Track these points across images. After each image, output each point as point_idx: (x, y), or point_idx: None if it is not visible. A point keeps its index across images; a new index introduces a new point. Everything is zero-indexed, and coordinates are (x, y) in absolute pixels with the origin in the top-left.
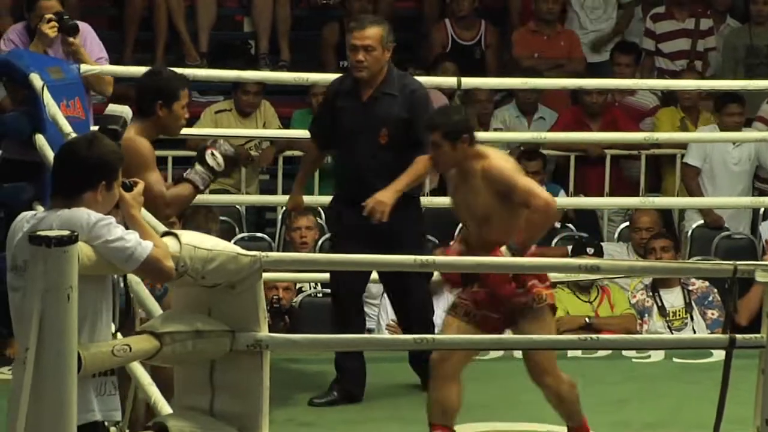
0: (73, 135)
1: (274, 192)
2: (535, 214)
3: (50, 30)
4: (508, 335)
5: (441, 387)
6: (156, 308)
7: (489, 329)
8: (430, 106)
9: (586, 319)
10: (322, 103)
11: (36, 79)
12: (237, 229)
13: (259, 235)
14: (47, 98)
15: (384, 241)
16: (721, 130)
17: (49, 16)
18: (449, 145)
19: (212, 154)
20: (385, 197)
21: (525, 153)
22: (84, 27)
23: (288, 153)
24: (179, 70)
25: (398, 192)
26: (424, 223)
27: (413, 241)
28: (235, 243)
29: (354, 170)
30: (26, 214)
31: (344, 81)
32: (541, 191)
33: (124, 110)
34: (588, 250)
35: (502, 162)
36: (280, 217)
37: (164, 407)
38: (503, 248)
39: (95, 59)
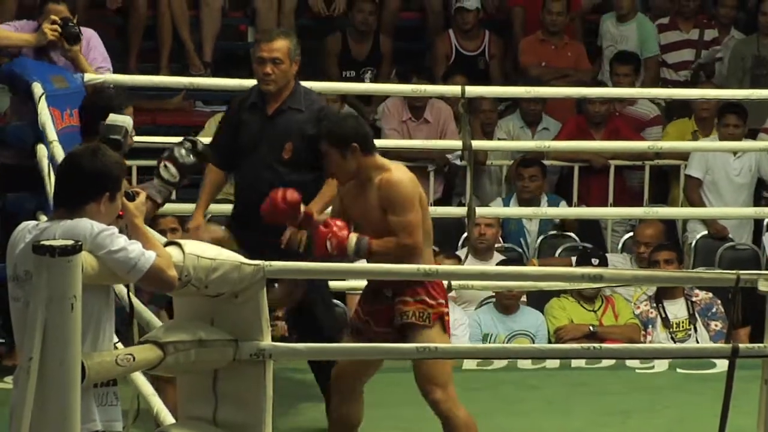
0: (57, 144)
1: None
2: (399, 247)
3: (50, 31)
4: (512, 345)
5: (340, 404)
6: (154, 320)
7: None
8: None
9: (590, 328)
10: (224, 119)
11: (37, 88)
12: None
13: None
14: (41, 107)
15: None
16: (720, 141)
17: (54, 17)
18: (338, 153)
19: (165, 165)
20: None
21: (522, 161)
22: (90, 34)
23: None
24: (183, 80)
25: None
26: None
27: (315, 258)
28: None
29: (255, 186)
30: (28, 224)
31: (250, 94)
32: (415, 234)
33: (126, 120)
34: (593, 261)
35: (402, 180)
36: None
37: (167, 417)
38: (353, 237)
39: (96, 68)
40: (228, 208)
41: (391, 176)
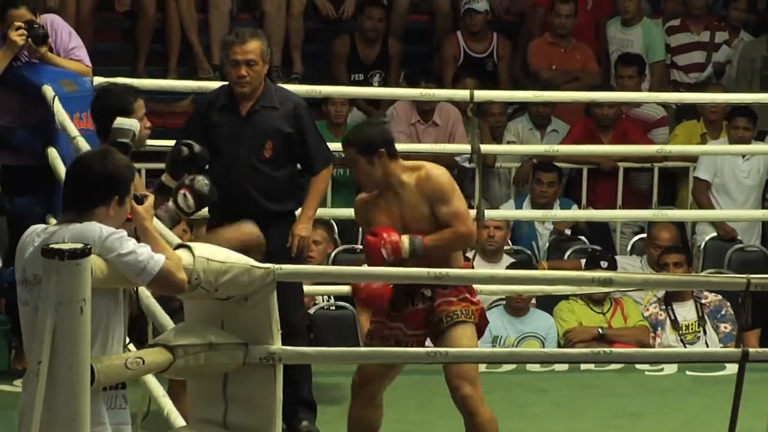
0: (81, 139)
1: None
2: (456, 236)
3: (18, 37)
4: (522, 349)
5: (360, 408)
6: (168, 321)
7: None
8: (312, 117)
9: (599, 330)
10: (191, 122)
11: (48, 91)
12: None
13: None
14: (57, 108)
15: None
16: (729, 143)
17: (18, 23)
18: (365, 161)
19: (184, 195)
20: (304, 230)
21: (540, 165)
22: (52, 20)
23: None
24: (192, 83)
25: (311, 219)
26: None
27: (296, 257)
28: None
29: (235, 187)
30: (37, 228)
31: (217, 96)
32: (467, 220)
33: (133, 123)
34: (602, 263)
35: (441, 173)
36: None
37: (177, 419)
38: (405, 239)
39: (69, 50)
40: None
41: (429, 171)
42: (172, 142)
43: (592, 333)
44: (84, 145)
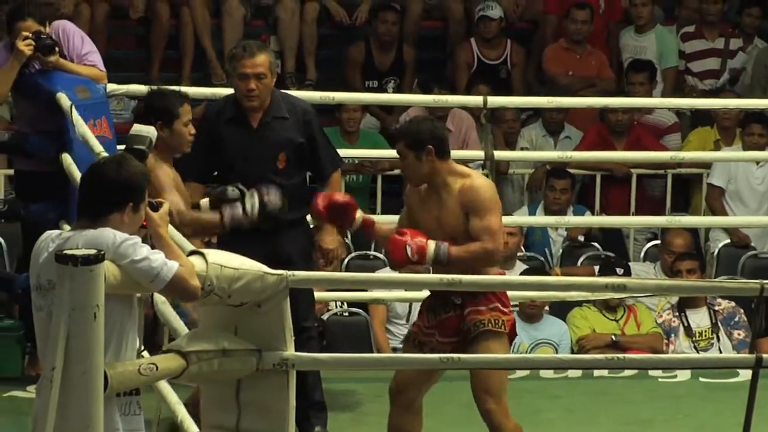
0: (104, 154)
1: None
2: (481, 251)
3: (26, 47)
4: (535, 355)
5: (399, 415)
6: (182, 327)
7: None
8: (320, 122)
9: (613, 337)
10: (201, 131)
11: (64, 99)
12: None
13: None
14: (76, 118)
15: (278, 265)
16: (744, 149)
17: (26, 33)
18: (413, 155)
19: (254, 203)
20: (332, 243)
21: (553, 171)
22: (64, 26)
23: None
24: (206, 90)
25: (334, 229)
26: (312, 241)
27: (304, 261)
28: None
29: None
30: (51, 234)
31: (224, 109)
32: (497, 238)
33: (150, 130)
34: (618, 270)
35: (486, 187)
36: None
37: (191, 426)
38: (431, 245)
39: (83, 55)
40: None
41: (474, 181)
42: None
43: (605, 340)
44: None
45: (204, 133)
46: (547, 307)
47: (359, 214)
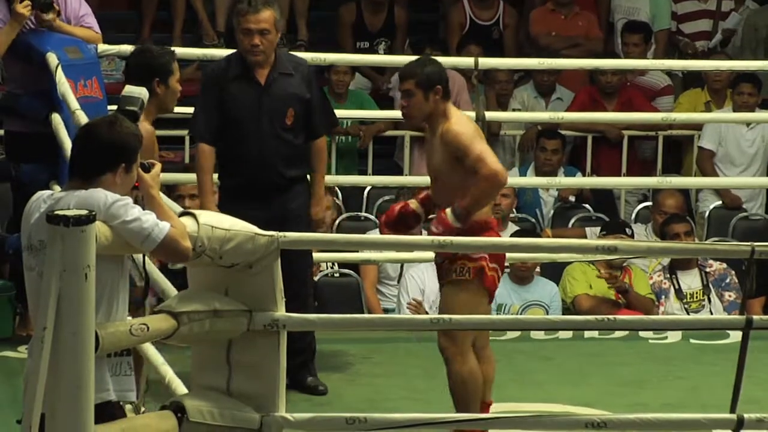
0: (80, 112)
1: None
2: (481, 181)
3: (24, 9)
4: (526, 316)
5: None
6: (170, 288)
7: None
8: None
9: (626, 286)
10: (206, 93)
11: (52, 58)
12: None
13: (363, 215)
14: (59, 76)
15: (279, 227)
16: (734, 110)
17: None
18: (422, 94)
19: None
20: (321, 212)
21: (544, 132)
22: None
23: None
24: (197, 51)
25: (323, 197)
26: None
27: (305, 223)
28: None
29: (256, 156)
30: (42, 194)
31: (229, 67)
32: (492, 160)
33: (142, 91)
34: (627, 231)
35: (460, 127)
36: None
37: (179, 387)
38: (448, 210)
39: (80, 17)
40: None
41: (451, 125)
42: (178, 109)
43: (609, 303)
44: (82, 120)
45: (210, 93)
46: (538, 269)
47: (414, 205)
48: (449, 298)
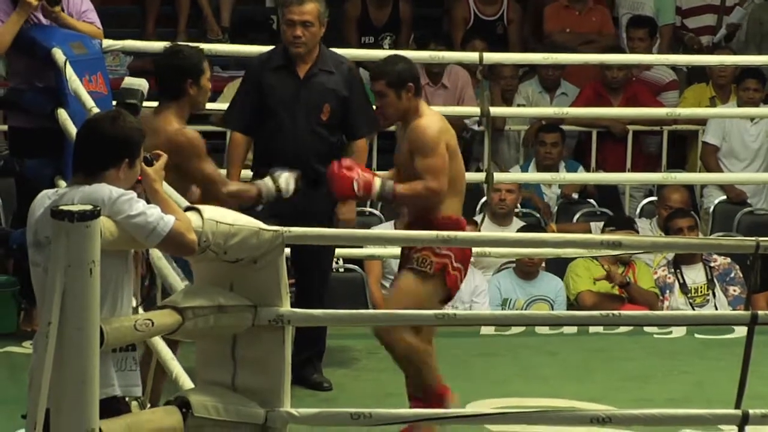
0: (96, 109)
1: None
2: (422, 189)
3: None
4: (531, 311)
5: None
6: (178, 283)
7: None
8: (363, 85)
9: (627, 280)
10: (246, 82)
11: (58, 54)
12: None
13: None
14: (69, 73)
15: (305, 224)
16: (738, 105)
17: None
18: (394, 93)
19: (287, 179)
20: (348, 213)
21: (543, 126)
22: None
23: None
24: (201, 45)
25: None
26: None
27: (328, 218)
28: None
29: (291, 149)
30: (47, 191)
31: (271, 58)
32: (440, 177)
33: (142, 83)
34: (634, 225)
35: (428, 129)
36: None
37: (186, 382)
38: (379, 180)
39: (82, 12)
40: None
41: (420, 121)
42: None
43: (612, 297)
44: None
45: (249, 82)
46: (543, 264)
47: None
48: (403, 283)
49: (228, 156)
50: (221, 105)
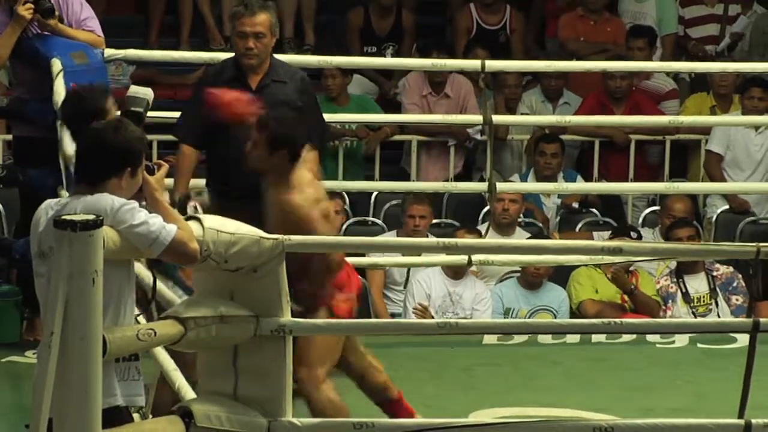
0: None
1: None
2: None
3: (26, 12)
4: (531, 320)
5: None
6: (174, 298)
7: None
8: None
9: (632, 287)
10: (197, 95)
11: (56, 64)
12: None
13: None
14: (58, 83)
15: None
16: (743, 114)
17: None
18: (266, 148)
19: (195, 207)
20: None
21: (543, 136)
22: None
23: None
24: (204, 55)
25: None
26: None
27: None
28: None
29: (240, 161)
30: (50, 201)
31: (223, 68)
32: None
33: (147, 92)
34: (632, 234)
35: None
36: None
37: (188, 392)
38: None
39: (81, 20)
40: None
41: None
42: None
43: (615, 306)
44: None
45: (199, 95)
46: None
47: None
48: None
49: (176, 166)
50: None
